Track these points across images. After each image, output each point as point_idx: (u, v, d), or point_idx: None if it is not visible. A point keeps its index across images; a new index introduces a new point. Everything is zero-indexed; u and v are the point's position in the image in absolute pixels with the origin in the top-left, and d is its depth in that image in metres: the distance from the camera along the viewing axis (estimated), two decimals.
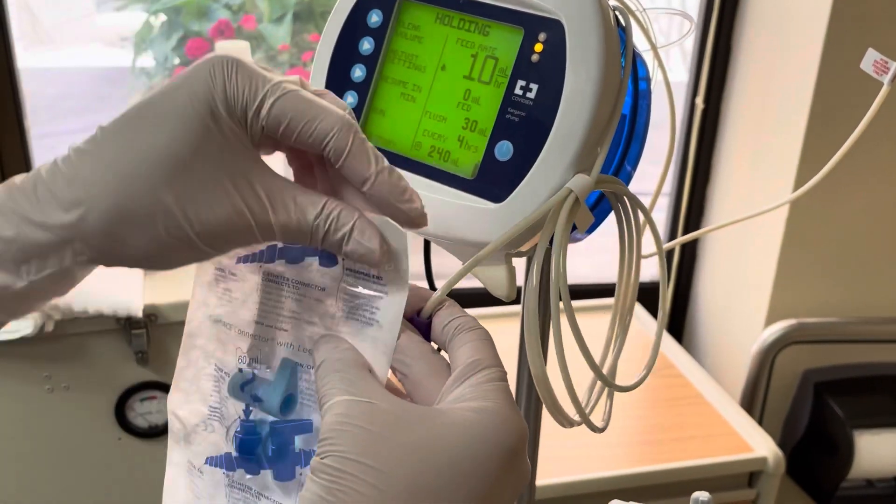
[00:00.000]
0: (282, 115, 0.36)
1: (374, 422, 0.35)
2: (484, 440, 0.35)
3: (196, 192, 0.35)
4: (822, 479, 1.43)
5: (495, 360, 0.39)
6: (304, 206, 0.37)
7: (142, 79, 1.87)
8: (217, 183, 0.36)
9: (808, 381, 1.44)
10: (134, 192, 0.35)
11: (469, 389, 0.37)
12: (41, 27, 2.30)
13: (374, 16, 0.48)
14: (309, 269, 0.40)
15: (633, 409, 1.27)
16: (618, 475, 1.11)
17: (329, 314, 0.39)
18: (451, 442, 0.35)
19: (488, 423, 0.35)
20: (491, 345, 0.39)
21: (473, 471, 0.34)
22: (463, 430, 0.35)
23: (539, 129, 0.43)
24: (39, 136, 2.23)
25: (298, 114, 0.36)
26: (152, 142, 0.35)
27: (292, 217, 0.36)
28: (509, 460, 0.35)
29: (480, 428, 0.35)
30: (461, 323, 0.40)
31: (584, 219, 0.43)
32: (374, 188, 0.37)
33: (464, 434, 0.35)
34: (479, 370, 0.38)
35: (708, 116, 1.50)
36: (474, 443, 0.35)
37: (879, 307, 1.46)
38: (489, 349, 0.39)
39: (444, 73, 0.46)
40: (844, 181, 1.34)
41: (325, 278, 0.40)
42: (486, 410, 0.36)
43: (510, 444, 0.35)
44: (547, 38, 0.43)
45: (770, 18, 1.38)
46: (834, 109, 1.28)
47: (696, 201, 1.57)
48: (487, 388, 0.37)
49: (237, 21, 1.75)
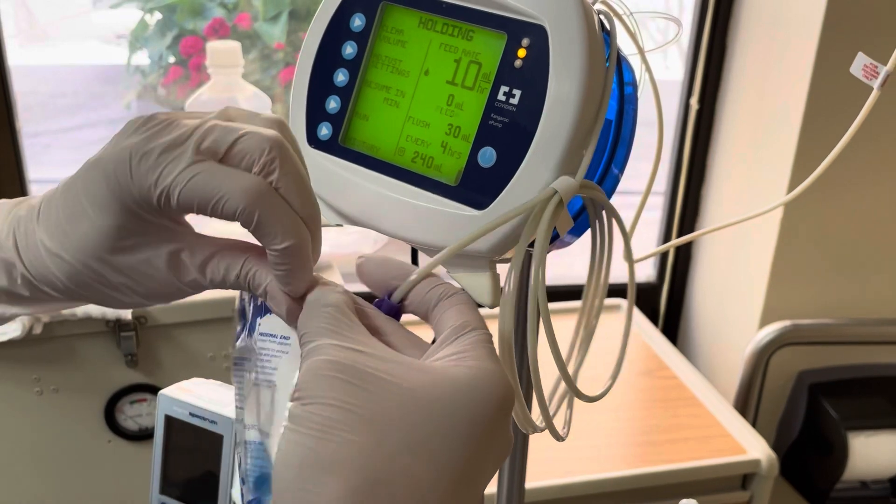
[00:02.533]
0: (189, 201, 0.37)
1: (361, 370, 0.34)
2: (477, 391, 0.34)
3: (125, 265, 0.39)
4: (816, 481, 1.43)
5: (480, 323, 0.38)
6: (228, 266, 0.40)
7: (136, 76, 1.86)
8: (145, 254, 0.39)
9: (802, 382, 1.43)
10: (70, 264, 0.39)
11: (456, 348, 0.37)
12: (38, 24, 2.29)
13: (357, 20, 0.47)
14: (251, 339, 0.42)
15: (626, 410, 1.26)
16: (610, 477, 1.11)
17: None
18: (446, 391, 0.34)
19: (480, 377, 0.35)
20: (474, 308, 0.39)
21: (468, 421, 0.34)
22: (456, 381, 0.35)
23: (522, 136, 0.42)
24: (34, 133, 2.22)
25: (205, 197, 0.37)
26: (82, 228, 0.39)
27: (217, 276, 0.40)
28: (500, 416, 0.35)
29: (472, 381, 0.35)
30: (443, 290, 0.40)
31: (564, 222, 0.43)
32: (273, 264, 0.39)
33: (458, 385, 0.34)
34: (466, 332, 0.38)
35: (703, 117, 1.50)
36: (469, 393, 0.34)
37: (874, 309, 1.46)
38: (473, 312, 0.39)
39: (427, 78, 0.45)
40: (839, 183, 1.34)
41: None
42: (476, 367, 0.35)
43: (500, 400, 0.35)
44: (530, 43, 0.42)
45: (764, 19, 1.37)
46: (828, 111, 1.27)
47: (691, 202, 1.57)
48: (476, 347, 0.37)
49: (232, 19, 1.75)
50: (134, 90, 1.87)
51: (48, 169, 2.22)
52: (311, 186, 0.40)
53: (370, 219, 0.46)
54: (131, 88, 1.88)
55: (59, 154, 2.28)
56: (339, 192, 0.47)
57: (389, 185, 0.46)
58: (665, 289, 1.64)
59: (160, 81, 1.81)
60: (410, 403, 0.33)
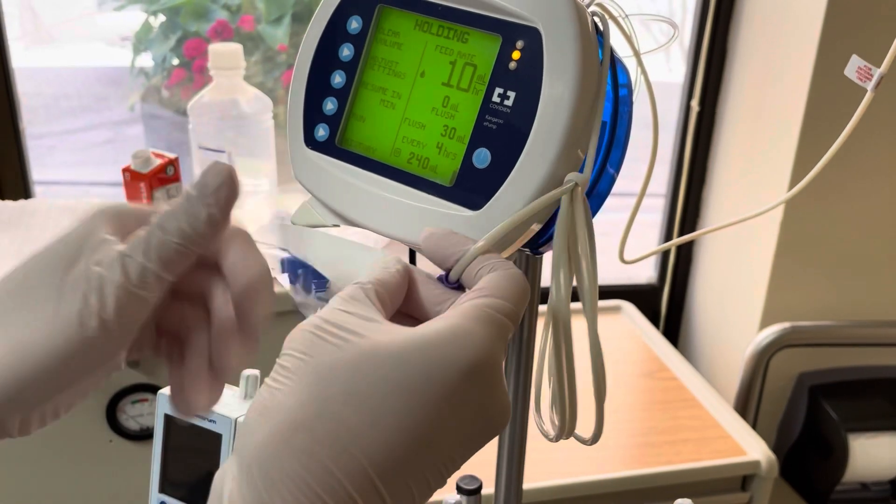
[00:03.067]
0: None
1: (334, 325, 0.34)
2: (436, 349, 0.32)
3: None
4: (816, 482, 1.43)
5: (501, 293, 0.36)
6: None
7: (140, 79, 1.87)
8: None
9: (802, 384, 1.44)
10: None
11: (453, 310, 0.35)
12: (43, 26, 2.30)
13: (354, 22, 0.48)
14: None
15: (626, 411, 1.27)
16: (610, 478, 1.11)
17: None
18: (406, 347, 0.32)
19: (447, 336, 0.33)
20: (512, 282, 0.36)
21: (422, 378, 0.32)
22: (420, 338, 0.33)
23: (517, 137, 0.43)
24: (38, 135, 2.23)
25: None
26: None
27: None
28: (467, 380, 0.32)
29: (437, 338, 0.33)
30: (493, 264, 0.38)
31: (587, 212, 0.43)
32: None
33: (418, 342, 0.33)
34: (476, 297, 0.36)
35: (703, 119, 1.50)
36: (427, 350, 0.32)
37: (874, 310, 1.46)
38: (503, 283, 0.36)
39: (423, 80, 0.46)
40: (838, 185, 1.34)
41: None
42: (450, 325, 0.33)
43: (468, 362, 0.32)
44: (524, 45, 0.43)
45: (765, 21, 1.38)
46: (828, 113, 1.27)
47: (692, 203, 1.57)
48: (470, 309, 0.35)
49: (235, 21, 1.75)
50: (138, 92, 1.87)
51: (52, 171, 2.23)
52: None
53: (366, 219, 0.47)
54: (135, 90, 1.89)
55: (63, 156, 2.29)
56: (335, 193, 0.48)
57: (385, 186, 0.46)
58: (666, 291, 1.65)
59: (164, 83, 1.82)
60: (364, 355, 0.32)
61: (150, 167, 1.00)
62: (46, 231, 1.07)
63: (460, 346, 0.33)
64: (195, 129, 1.11)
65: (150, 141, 1.84)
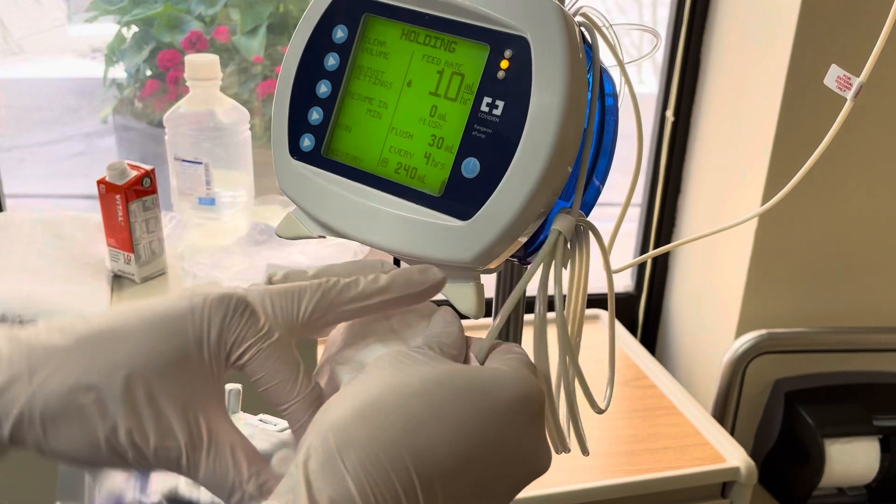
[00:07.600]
0: (255, 371, 0.39)
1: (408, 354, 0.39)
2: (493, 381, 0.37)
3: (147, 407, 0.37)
4: (794, 488, 1.44)
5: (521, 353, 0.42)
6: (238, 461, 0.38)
7: (113, 90, 1.85)
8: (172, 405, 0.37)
9: (779, 390, 1.45)
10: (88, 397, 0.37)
11: (496, 361, 0.40)
12: (12, 39, 2.28)
13: (340, 31, 0.47)
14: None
15: (605, 420, 1.27)
16: (590, 487, 1.11)
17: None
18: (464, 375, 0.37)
19: (504, 373, 0.38)
20: (527, 365, 0.40)
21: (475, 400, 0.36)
22: (479, 370, 0.38)
23: (505, 146, 0.43)
24: (8, 147, 2.20)
25: (269, 374, 0.39)
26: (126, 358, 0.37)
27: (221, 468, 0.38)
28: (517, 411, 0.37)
29: (495, 373, 0.38)
30: (505, 348, 0.42)
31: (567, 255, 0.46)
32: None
33: (476, 373, 0.37)
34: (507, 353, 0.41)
35: (678, 129, 1.52)
36: (484, 382, 0.37)
37: (849, 317, 1.47)
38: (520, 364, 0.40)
39: (410, 90, 0.46)
40: (813, 193, 1.36)
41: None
42: (505, 369, 0.39)
43: (520, 394, 0.37)
44: (513, 54, 0.43)
45: (738, 32, 1.39)
46: (802, 122, 1.29)
47: (668, 213, 1.58)
48: (514, 361, 0.40)
49: (210, 33, 1.74)
50: (110, 104, 1.85)
51: (23, 183, 2.20)
52: None
53: (353, 230, 0.47)
54: (108, 102, 1.87)
55: (34, 168, 2.26)
56: (321, 204, 0.47)
57: (373, 196, 0.46)
58: (643, 299, 1.65)
59: (137, 95, 1.80)
60: (445, 371, 0.37)
61: (126, 179, 0.99)
62: (18, 244, 1.06)
63: (514, 383, 0.38)
64: (171, 140, 1.10)
65: (122, 153, 1.82)
